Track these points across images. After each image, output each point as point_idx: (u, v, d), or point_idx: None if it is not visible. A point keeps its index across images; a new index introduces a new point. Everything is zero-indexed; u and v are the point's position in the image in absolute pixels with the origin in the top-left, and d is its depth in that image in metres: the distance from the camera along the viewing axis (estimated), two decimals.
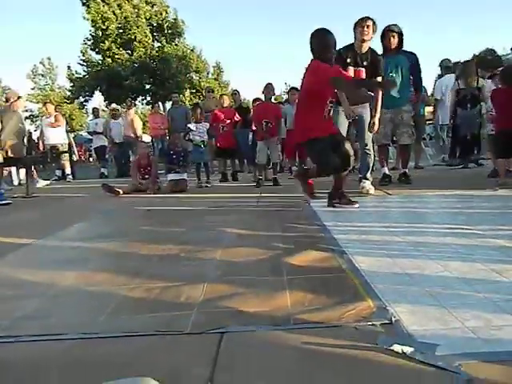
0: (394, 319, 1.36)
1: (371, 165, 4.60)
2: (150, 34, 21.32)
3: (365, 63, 4.20)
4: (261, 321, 1.43)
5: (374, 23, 4.13)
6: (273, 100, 6.59)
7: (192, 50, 23.54)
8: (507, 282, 1.62)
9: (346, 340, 1.25)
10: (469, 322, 1.31)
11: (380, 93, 4.19)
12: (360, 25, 4.09)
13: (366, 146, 4.45)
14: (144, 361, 1.22)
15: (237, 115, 7.08)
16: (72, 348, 1.33)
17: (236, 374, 1.12)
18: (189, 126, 6.51)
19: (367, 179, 4.53)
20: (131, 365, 1.19)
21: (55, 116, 8.87)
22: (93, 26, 20.51)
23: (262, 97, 6.41)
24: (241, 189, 5.61)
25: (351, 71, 4.18)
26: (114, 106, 10.54)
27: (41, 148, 8.83)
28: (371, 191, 4.38)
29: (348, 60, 4.18)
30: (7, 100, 6.11)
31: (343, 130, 4.50)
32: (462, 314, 1.36)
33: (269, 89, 6.11)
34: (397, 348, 1.17)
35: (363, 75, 4.20)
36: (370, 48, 4.26)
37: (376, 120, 4.20)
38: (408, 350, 1.15)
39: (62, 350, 1.32)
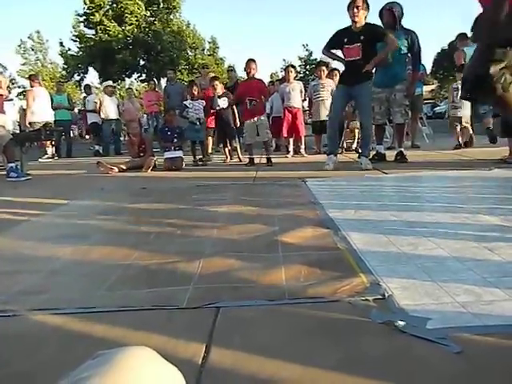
0: (386, 294, 1.38)
1: (370, 142, 4.67)
2: (142, 6, 20.73)
3: (362, 38, 4.41)
4: (256, 296, 1.45)
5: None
6: (257, 76, 5.71)
7: (188, 26, 23.01)
8: (498, 259, 1.65)
9: (339, 314, 1.28)
10: (460, 297, 1.33)
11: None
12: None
13: (366, 123, 4.50)
14: (141, 335, 1.24)
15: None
16: (69, 322, 1.35)
17: (232, 348, 1.14)
18: (184, 103, 6.43)
19: (366, 156, 4.63)
20: (128, 339, 1.21)
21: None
22: None
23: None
24: (236, 167, 5.59)
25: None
26: (109, 82, 10.24)
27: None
28: (369, 167, 4.49)
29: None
30: None
31: (338, 105, 4.58)
32: (454, 290, 1.38)
33: (250, 65, 5.52)
34: (389, 322, 1.20)
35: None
36: (366, 23, 4.45)
37: None
38: (400, 323, 1.18)
39: (59, 324, 1.34)
